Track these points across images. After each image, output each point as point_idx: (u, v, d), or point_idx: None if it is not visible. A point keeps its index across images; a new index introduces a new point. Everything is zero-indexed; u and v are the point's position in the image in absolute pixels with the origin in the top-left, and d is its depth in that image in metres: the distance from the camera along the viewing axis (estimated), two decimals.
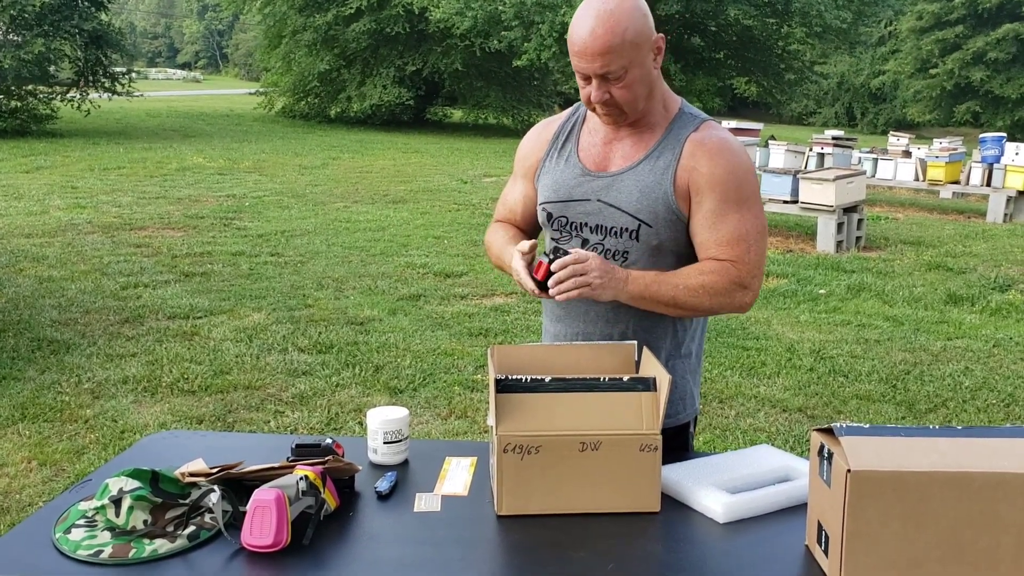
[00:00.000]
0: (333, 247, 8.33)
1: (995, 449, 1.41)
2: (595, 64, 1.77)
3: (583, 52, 1.77)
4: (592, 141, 1.96)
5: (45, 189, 11.22)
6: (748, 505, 1.68)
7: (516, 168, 2.11)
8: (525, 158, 2.07)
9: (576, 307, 1.99)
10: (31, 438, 4.02)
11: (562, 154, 1.98)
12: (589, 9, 1.77)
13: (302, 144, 18.22)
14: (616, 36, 1.74)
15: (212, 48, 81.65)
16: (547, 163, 2.00)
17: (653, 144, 1.89)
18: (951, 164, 11.61)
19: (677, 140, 1.88)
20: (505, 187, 2.17)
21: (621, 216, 1.89)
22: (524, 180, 2.08)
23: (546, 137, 2.03)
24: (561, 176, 1.96)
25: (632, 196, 1.88)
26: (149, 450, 2.01)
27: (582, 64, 1.79)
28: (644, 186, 1.87)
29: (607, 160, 1.93)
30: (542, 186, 2.01)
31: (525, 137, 2.10)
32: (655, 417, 1.67)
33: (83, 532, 1.57)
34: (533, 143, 2.06)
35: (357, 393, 4.66)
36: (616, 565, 1.50)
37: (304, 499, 1.59)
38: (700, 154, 1.85)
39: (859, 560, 1.40)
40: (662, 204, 1.86)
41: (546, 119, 2.10)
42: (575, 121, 2.01)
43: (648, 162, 1.88)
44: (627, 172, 1.89)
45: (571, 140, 1.99)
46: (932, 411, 4.62)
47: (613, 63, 1.76)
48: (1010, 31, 27.54)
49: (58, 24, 17.95)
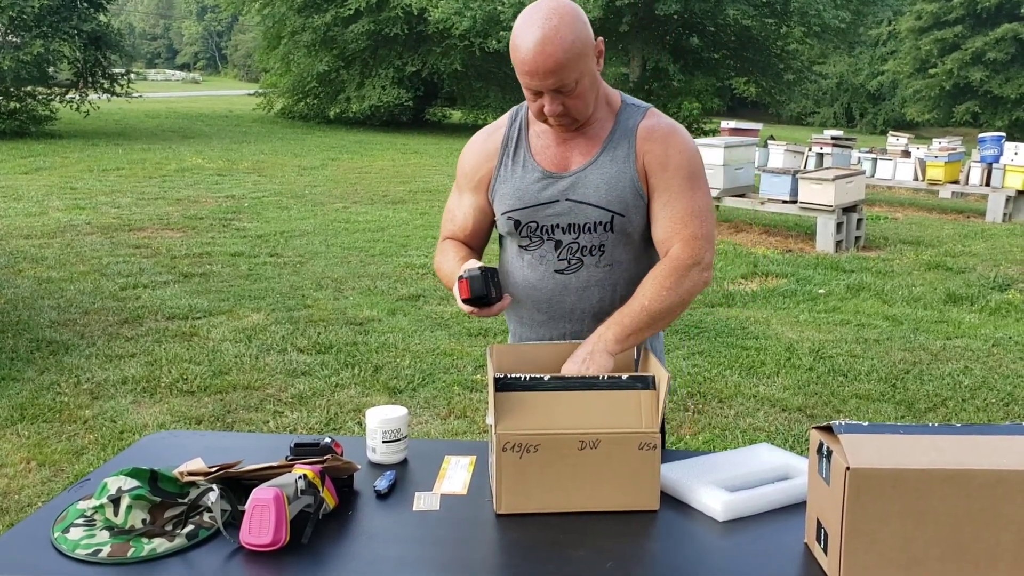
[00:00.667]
0: (332, 248, 8.33)
1: (994, 446, 1.41)
2: (548, 81, 1.77)
3: (535, 71, 1.76)
4: (545, 143, 1.94)
5: (44, 190, 11.22)
6: (747, 503, 1.68)
7: (462, 182, 2.04)
8: (474, 171, 2.01)
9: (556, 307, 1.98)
10: (30, 438, 4.01)
11: (516, 160, 1.95)
12: (532, 27, 1.75)
13: (301, 145, 18.22)
14: (566, 52, 1.74)
15: (211, 49, 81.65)
16: (501, 172, 1.96)
17: (606, 136, 1.93)
18: (950, 164, 11.61)
19: (628, 129, 1.93)
20: (449, 203, 2.09)
21: (593, 211, 1.91)
22: (474, 193, 2.02)
23: (493, 147, 1.98)
24: (522, 182, 1.94)
25: (600, 190, 1.91)
26: (148, 450, 2.00)
27: (534, 82, 1.78)
28: (609, 177, 1.91)
29: (566, 159, 1.93)
30: (501, 195, 1.96)
31: (467, 150, 2.04)
32: (654, 415, 1.67)
33: (82, 531, 1.57)
34: (479, 155, 2.00)
35: (356, 393, 4.66)
36: (615, 563, 1.50)
37: (303, 498, 1.58)
38: (653, 138, 1.91)
39: (858, 558, 1.40)
40: (630, 191, 1.91)
41: (484, 129, 2.04)
42: (519, 126, 1.98)
43: (607, 154, 1.92)
44: (589, 167, 1.91)
45: (521, 145, 1.96)
46: (931, 410, 4.61)
47: (567, 77, 1.77)
48: (1009, 31, 27.54)
49: (57, 25, 17.95)
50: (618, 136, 1.92)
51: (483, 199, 2.01)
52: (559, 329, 2.00)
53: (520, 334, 2.07)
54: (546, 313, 2.00)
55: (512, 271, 2.02)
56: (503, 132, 1.99)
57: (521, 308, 2.03)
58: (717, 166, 9.51)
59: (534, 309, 2.00)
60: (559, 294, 1.97)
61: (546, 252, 1.96)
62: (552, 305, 1.98)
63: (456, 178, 2.07)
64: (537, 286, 1.98)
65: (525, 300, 2.01)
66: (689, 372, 5.08)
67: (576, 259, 1.95)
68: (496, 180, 1.97)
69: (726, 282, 7.36)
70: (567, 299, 1.97)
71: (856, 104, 35.35)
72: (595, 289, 1.96)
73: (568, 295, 1.97)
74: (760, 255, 8.47)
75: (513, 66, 1.82)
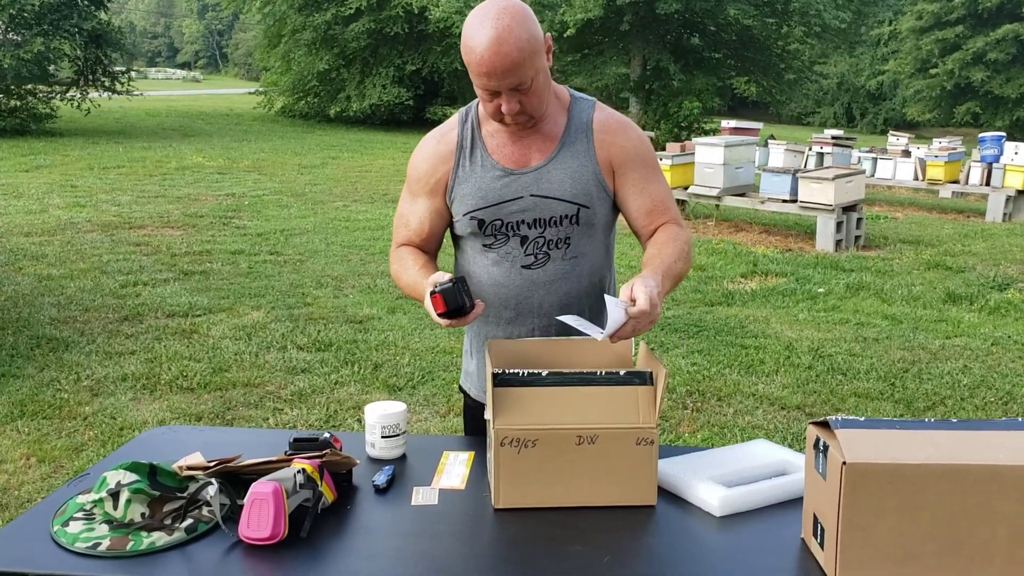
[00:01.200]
0: (332, 246, 8.33)
1: (990, 442, 1.41)
2: (505, 81, 1.77)
3: (492, 72, 1.76)
4: (500, 142, 1.95)
5: (44, 188, 11.22)
6: (744, 499, 1.68)
7: (415, 187, 2.02)
8: (428, 174, 1.98)
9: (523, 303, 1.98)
10: (30, 435, 4.02)
11: (474, 161, 1.95)
12: (485, 28, 1.75)
13: (301, 143, 18.23)
14: (521, 51, 1.75)
15: (212, 48, 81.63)
16: (460, 173, 1.95)
17: (562, 131, 1.95)
18: (950, 163, 11.62)
19: (583, 123, 1.96)
20: (401, 209, 2.07)
21: (558, 205, 1.93)
22: (430, 196, 1.99)
23: (447, 149, 1.97)
24: (482, 182, 1.93)
25: (564, 184, 1.93)
26: (148, 445, 2.01)
27: (491, 83, 1.78)
28: (572, 171, 1.93)
29: (524, 156, 1.94)
30: (461, 196, 1.95)
31: (418, 155, 2.02)
32: (652, 411, 1.67)
33: (81, 525, 1.57)
34: (433, 158, 1.98)
35: (356, 391, 4.66)
36: (612, 558, 1.51)
37: (301, 492, 1.59)
38: (612, 131, 1.96)
39: (854, 553, 1.40)
40: (593, 184, 1.94)
41: (432, 133, 2.03)
42: (471, 127, 1.97)
43: (566, 149, 1.94)
44: (551, 162, 1.93)
45: (477, 146, 1.95)
46: (930, 409, 4.62)
47: (523, 75, 1.78)
48: (1010, 31, 27.53)
49: (58, 23, 17.96)
50: (574, 131, 1.95)
51: (439, 202, 1.99)
52: (527, 325, 1.99)
53: (485, 333, 2.04)
54: (514, 310, 1.99)
55: (475, 271, 2.01)
56: (455, 134, 1.98)
57: (488, 307, 1.99)
58: (717, 165, 9.52)
59: (501, 307, 1.99)
60: (527, 290, 1.97)
61: (512, 248, 1.96)
62: (520, 301, 1.98)
63: (407, 183, 2.04)
64: (504, 283, 1.97)
65: (491, 299, 1.99)
66: (688, 370, 5.09)
67: (543, 253, 1.96)
68: (454, 182, 1.96)
69: (726, 281, 7.37)
70: (535, 294, 1.97)
71: (857, 104, 35.34)
72: (562, 282, 1.98)
73: (536, 290, 1.97)
74: (760, 254, 8.47)
75: (467, 64, 1.82)
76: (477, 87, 1.83)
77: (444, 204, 1.99)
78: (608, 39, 20.03)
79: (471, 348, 2.14)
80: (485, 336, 2.05)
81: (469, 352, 2.16)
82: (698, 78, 19.43)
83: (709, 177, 9.64)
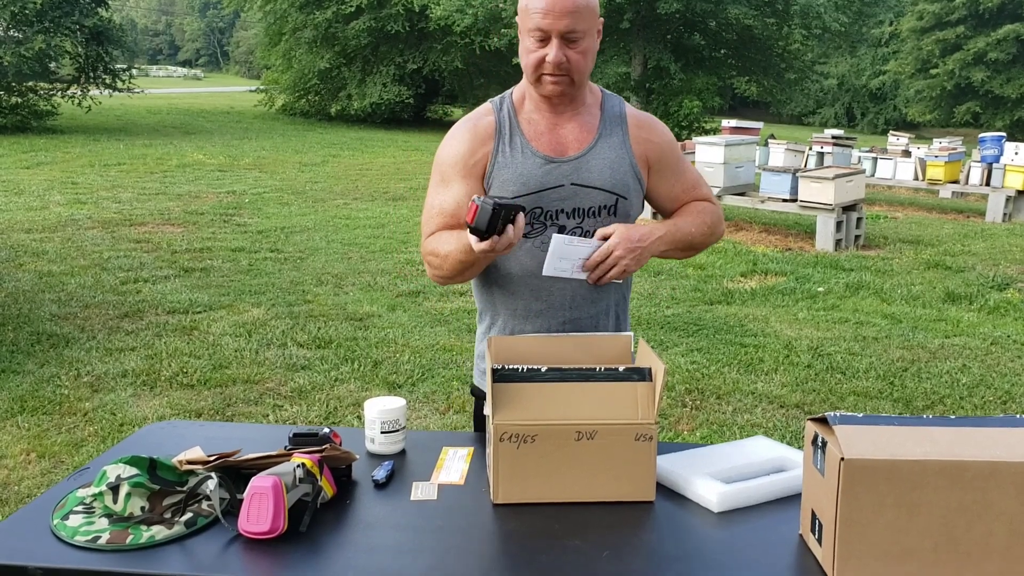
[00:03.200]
0: (333, 243, 8.34)
1: (988, 438, 1.41)
2: (561, 22, 1.79)
3: (550, 9, 1.79)
4: (538, 130, 1.94)
5: (45, 185, 11.23)
6: (743, 495, 1.69)
7: (449, 172, 1.94)
8: (467, 155, 1.93)
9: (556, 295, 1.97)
10: (30, 430, 4.02)
11: (513, 146, 1.92)
12: None
13: (302, 141, 18.23)
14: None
15: (213, 46, 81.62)
16: (499, 158, 1.92)
17: (598, 123, 1.97)
18: (950, 164, 11.61)
19: (617, 116, 2.00)
20: (432, 198, 1.98)
21: (598, 194, 1.94)
22: (468, 180, 1.92)
23: (484, 133, 1.93)
24: (523, 168, 1.91)
25: (604, 173, 1.94)
26: (148, 439, 2.01)
27: (546, 22, 1.80)
28: (611, 162, 1.95)
29: (563, 145, 1.94)
30: (501, 182, 1.91)
31: (454, 139, 1.96)
32: (651, 407, 1.68)
33: (81, 518, 1.58)
34: (471, 142, 1.94)
35: (356, 388, 4.67)
36: (611, 553, 1.51)
37: (301, 486, 1.59)
38: (645, 128, 2.02)
39: (852, 548, 1.41)
40: (631, 175, 1.97)
41: (465, 119, 1.99)
42: (508, 114, 1.95)
43: (603, 140, 1.96)
44: (590, 152, 1.94)
45: (516, 131, 1.93)
46: (929, 408, 4.62)
47: (578, 23, 1.81)
48: (1011, 32, 27.53)
49: (59, 20, 17.95)
50: (609, 123, 1.98)
51: (476, 185, 1.93)
52: (557, 318, 1.97)
53: (512, 327, 2.00)
54: (545, 302, 1.96)
55: (506, 262, 1.95)
56: (492, 119, 1.95)
57: (516, 300, 1.97)
58: (717, 164, 9.52)
59: (532, 299, 1.96)
60: (560, 282, 1.93)
61: (548, 239, 1.90)
62: (552, 294, 1.95)
63: (439, 171, 1.97)
64: (537, 275, 1.91)
65: (521, 290, 1.96)
66: (688, 368, 5.09)
67: None
68: (494, 166, 1.92)
69: (725, 280, 7.37)
70: (568, 286, 1.94)
71: (858, 104, 35.35)
72: None
73: (569, 282, 1.93)
74: (760, 253, 8.47)
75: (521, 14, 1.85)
76: (528, 32, 1.84)
77: (482, 188, 1.94)
78: (609, 38, 20.01)
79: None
80: (513, 330, 2.00)
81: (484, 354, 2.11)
82: (699, 77, 19.44)
83: (709, 176, 9.64)
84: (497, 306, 2.02)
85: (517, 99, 1.98)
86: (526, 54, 1.86)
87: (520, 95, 1.98)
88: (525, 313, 1.98)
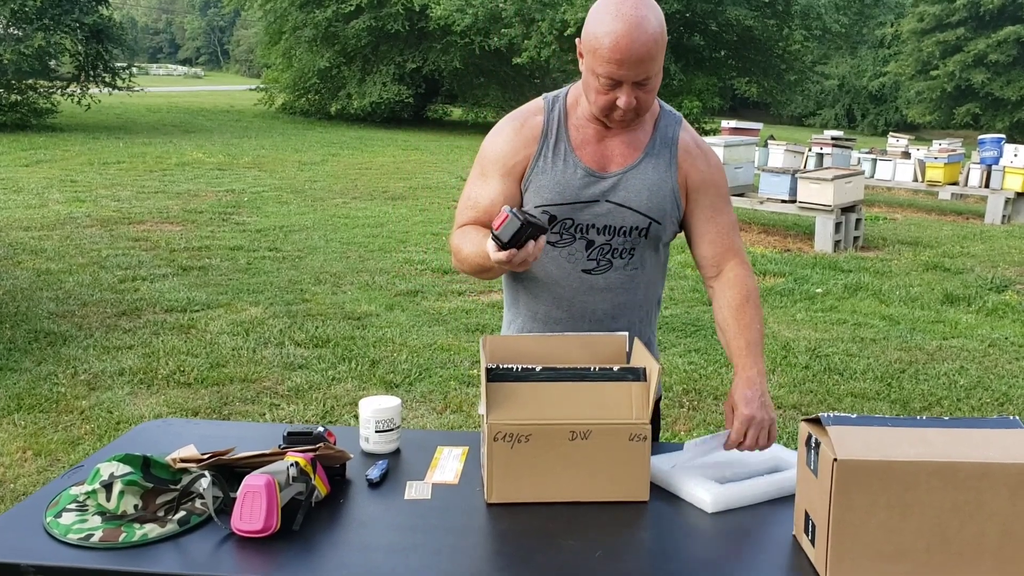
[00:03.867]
0: (331, 243, 8.34)
1: (981, 440, 1.42)
2: (635, 71, 1.73)
3: (625, 60, 1.71)
4: (584, 139, 1.89)
5: (44, 183, 11.22)
6: (737, 495, 1.69)
7: (490, 168, 1.93)
8: (507, 156, 1.91)
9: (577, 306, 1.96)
10: (26, 428, 4.02)
11: (557, 153, 1.89)
12: (622, 16, 1.71)
13: (302, 140, 18.23)
14: (653, 38, 1.72)
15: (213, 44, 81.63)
16: (540, 162, 1.90)
17: (647, 141, 1.91)
18: (950, 165, 11.62)
19: (669, 138, 1.93)
20: (469, 189, 1.97)
21: (633, 216, 1.90)
22: (506, 179, 1.92)
23: (531, 135, 1.91)
24: (563, 177, 1.88)
25: (642, 195, 1.89)
26: (142, 437, 2.01)
27: (620, 71, 1.73)
28: (651, 184, 1.90)
29: (606, 160, 1.90)
30: (538, 187, 1.90)
31: (498, 135, 1.94)
32: (645, 407, 1.68)
33: (74, 516, 1.58)
34: (514, 141, 1.92)
35: (353, 387, 4.67)
36: (604, 553, 1.51)
37: (294, 485, 1.59)
38: (696, 154, 1.95)
39: (845, 549, 1.41)
40: (670, 201, 1.92)
41: (513, 115, 1.96)
42: (558, 118, 1.92)
43: (649, 160, 1.90)
44: (631, 171, 1.89)
45: (562, 138, 1.90)
46: (926, 409, 4.62)
47: (651, 69, 1.75)
48: (1011, 33, 27.55)
49: (59, 18, 17.95)
50: (659, 144, 1.92)
51: (514, 186, 1.91)
52: (577, 329, 1.96)
53: (531, 329, 2.01)
54: (566, 311, 1.95)
55: (532, 269, 1.95)
56: (541, 120, 1.92)
57: (539, 304, 1.97)
58: None
59: (553, 306, 1.96)
60: (583, 294, 1.93)
61: (576, 251, 1.91)
62: (574, 304, 1.94)
63: (480, 164, 1.96)
64: (561, 284, 1.93)
65: (544, 297, 1.96)
66: (685, 369, 5.09)
67: (606, 260, 1.92)
68: (533, 170, 1.90)
69: None
70: (591, 299, 1.94)
71: (858, 105, 35.37)
72: (619, 291, 1.95)
73: (593, 295, 1.93)
74: (758, 254, 8.47)
75: (587, 53, 1.76)
76: (597, 75, 1.76)
77: (518, 189, 1.92)
78: None
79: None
80: (530, 332, 2.00)
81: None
82: (698, 78, 19.44)
83: None
84: (520, 306, 2.02)
85: (571, 102, 1.93)
86: (594, 93, 1.80)
87: (575, 98, 1.93)
88: (545, 319, 1.98)
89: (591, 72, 1.78)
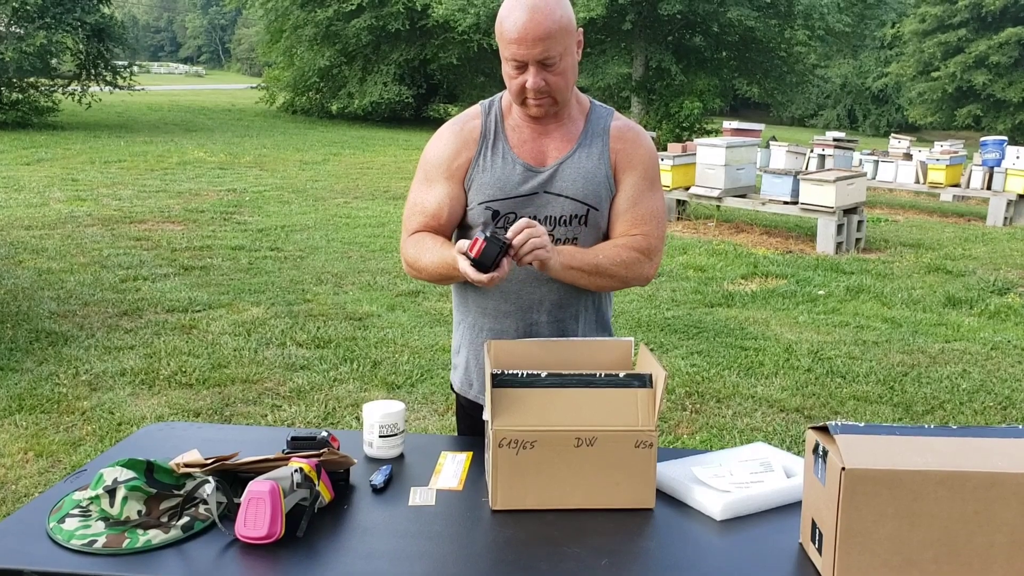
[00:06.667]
0: (333, 242, 8.33)
1: (989, 449, 1.41)
2: (535, 50, 1.81)
3: (523, 38, 1.80)
4: (522, 137, 1.97)
5: (45, 181, 11.21)
6: (744, 503, 1.68)
7: (433, 172, 2.01)
8: (450, 158, 1.98)
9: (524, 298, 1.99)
10: (28, 429, 4.01)
11: (496, 152, 1.97)
12: (523, 3, 1.82)
13: (303, 140, 18.22)
14: (554, 22, 1.81)
15: (215, 43, 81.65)
16: (480, 162, 1.97)
17: (580, 133, 1.99)
18: (952, 167, 11.62)
19: (600, 127, 2.01)
20: (414, 198, 2.04)
21: (569, 204, 1.96)
22: (449, 182, 1.99)
23: (471, 137, 1.98)
24: (503, 173, 1.96)
25: (577, 183, 1.96)
26: (145, 441, 2.00)
27: (520, 51, 1.82)
28: (586, 172, 1.96)
29: (543, 154, 1.97)
30: (480, 185, 1.97)
31: (439, 140, 2.02)
32: (651, 413, 1.67)
33: (77, 522, 1.57)
34: (455, 144, 1.99)
35: (355, 388, 4.66)
36: (610, 561, 1.50)
37: (299, 491, 1.58)
38: (626, 138, 2.01)
39: (853, 558, 1.40)
40: (604, 187, 1.98)
41: (453, 121, 2.04)
42: (495, 119, 1.99)
43: (582, 150, 1.98)
44: (566, 162, 1.97)
45: (500, 137, 1.98)
46: (929, 413, 4.61)
47: (552, 48, 1.82)
48: (1013, 35, 27.55)
49: (60, 17, 17.96)
50: (591, 133, 1.99)
51: (457, 188, 1.99)
52: (525, 320, 2.01)
53: (482, 325, 2.05)
54: (515, 304, 2.01)
55: None
56: (479, 122, 2.00)
57: (487, 300, 2.03)
58: (718, 166, 9.51)
59: (502, 300, 2.01)
60: (529, 285, 1.99)
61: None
62: (521, 296, 2.00)
63: (423, 170, 2.03)
64: (508, 276, 1.93)
65: (492, 292, 2.01)
66: (687, 372, 5.08)
67: None
68: (474, 169, 1.98)
69: (726, 282, 7.37)
70: (537, 290, 1.99)
71: (860, 106, 35.37)
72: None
73: (539, 286, 1.99)
74: (760, 256, 8.46)
75: (499, 42, 1.86)
76: (506, 60, 1.86)
77: (462, 190, 2.00)
78: (610, 38, 20.01)
79: (461, 342, 2.12)
80: (480, 328, 2.06)
81: (458, 349, 2.14)
82: (700, 79, 19.43)
83: (710, 178, 9.64)
84: (469, 303, 2.08)
85: (506, 105, 2.00)
86: (507, 78, 1.90)
87: (508, 103, 2.00)
88: (495, 312, 2.03)
89: (503, 59, 1.88)
